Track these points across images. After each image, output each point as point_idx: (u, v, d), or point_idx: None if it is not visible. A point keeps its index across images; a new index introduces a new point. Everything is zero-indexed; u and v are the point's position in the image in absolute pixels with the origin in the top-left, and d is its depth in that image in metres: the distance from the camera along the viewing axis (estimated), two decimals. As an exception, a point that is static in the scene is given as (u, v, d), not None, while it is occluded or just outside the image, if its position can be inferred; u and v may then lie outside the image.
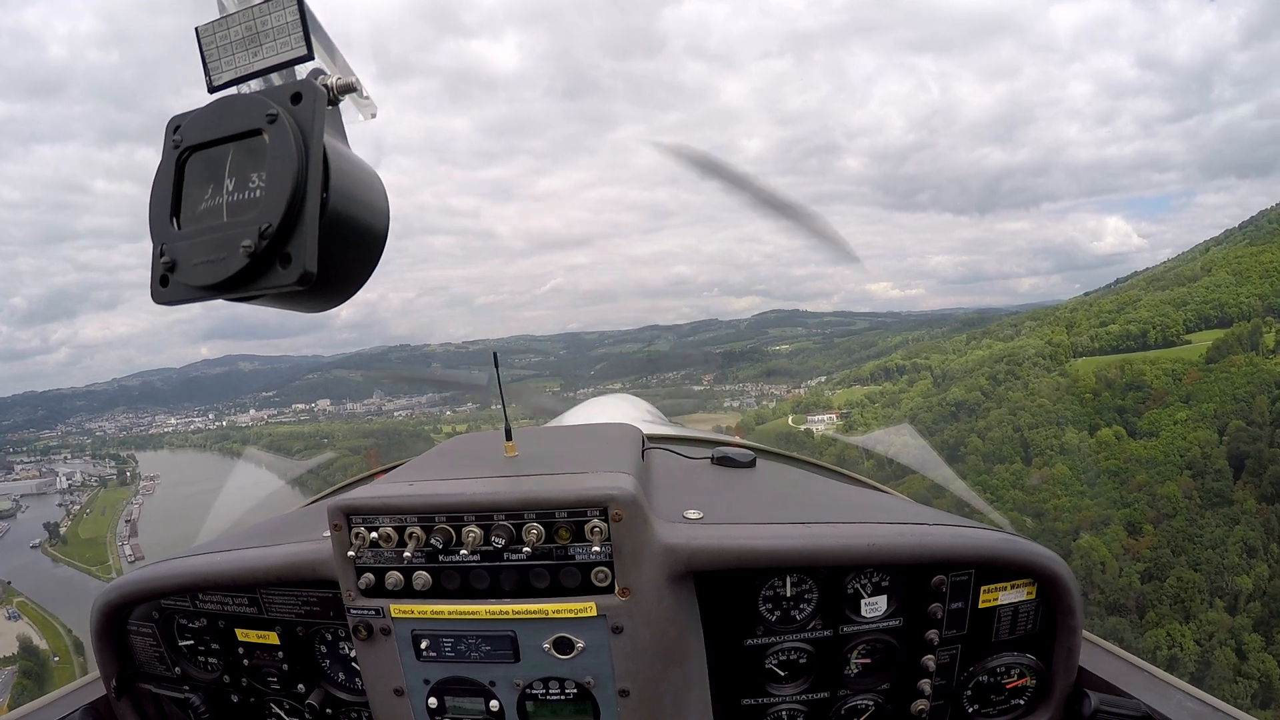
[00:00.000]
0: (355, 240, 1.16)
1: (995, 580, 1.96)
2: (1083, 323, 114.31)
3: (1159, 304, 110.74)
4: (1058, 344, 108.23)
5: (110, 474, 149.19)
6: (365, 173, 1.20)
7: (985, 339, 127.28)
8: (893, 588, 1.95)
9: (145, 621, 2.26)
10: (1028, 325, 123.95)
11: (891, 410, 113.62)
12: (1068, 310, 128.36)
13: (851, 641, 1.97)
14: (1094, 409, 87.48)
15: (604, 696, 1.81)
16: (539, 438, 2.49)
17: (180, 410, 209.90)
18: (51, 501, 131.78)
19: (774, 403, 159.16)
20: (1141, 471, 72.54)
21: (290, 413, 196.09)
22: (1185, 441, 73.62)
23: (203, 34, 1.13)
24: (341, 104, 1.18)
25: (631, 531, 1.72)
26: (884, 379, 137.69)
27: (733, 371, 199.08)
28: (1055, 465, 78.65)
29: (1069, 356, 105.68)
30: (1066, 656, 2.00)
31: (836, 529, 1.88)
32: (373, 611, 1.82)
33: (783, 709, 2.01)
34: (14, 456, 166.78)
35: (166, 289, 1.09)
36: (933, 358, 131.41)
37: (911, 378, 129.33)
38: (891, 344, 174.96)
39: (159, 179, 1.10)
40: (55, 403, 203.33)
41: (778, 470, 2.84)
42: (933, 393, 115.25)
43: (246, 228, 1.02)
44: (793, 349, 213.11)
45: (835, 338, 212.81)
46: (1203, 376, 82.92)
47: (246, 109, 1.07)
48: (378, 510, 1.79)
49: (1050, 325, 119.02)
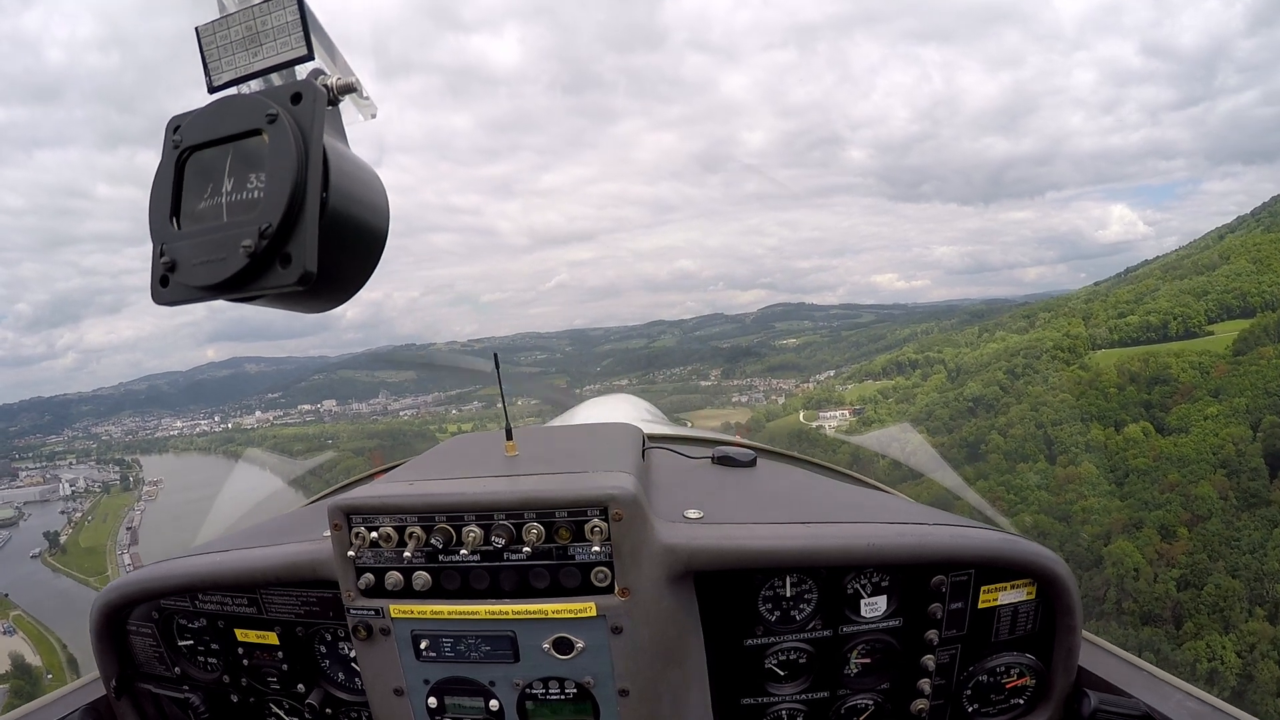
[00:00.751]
0: (355, 240, 1.16)
1: (995, 580, 1.98)
2: (1100, 314, 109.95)
3: (1178, 293, 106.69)
4: (1075, 336, 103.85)
5: (114, 479, 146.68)
6: (365, 173, 1.20)
7: (999, 331, 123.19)
8: (892, 588, 1.97)
9: (145, 622, 2.28)
10: (1041, 317, 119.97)
11: (906, 406, 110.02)
12: (1081, 301, 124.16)
13: (851, 641, 1.99)
14: (1119, 404, 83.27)
15: (604, 696, 1.83)
16: (539, 437, 2.50)
17: (186, 413, 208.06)
18: (55, 509, 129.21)
19: (783, 398, 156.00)
20: (1173, 470, 68.49)
21: (296, 414, 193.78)
22: (1218, 438, 69.52)
23: (203, 34, 1.13)
24: (341, 104, 1.18)
25: (631, 531, 1.74)
26: (896, 373, 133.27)
27: (740, 367, 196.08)
28: (1081, 464, 74.96)
29: (1088, 349, 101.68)
30: (1066, 656, 2.02)
31: (836, 529, 1.90)
32: (372, 612, 1.84)
33: (782, 709, 2.03)
34: (19, 462, 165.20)
35: (167, 289, 1.09)
36: (945, 351, 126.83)
37: (925, 372, 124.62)
38: (900, 336, 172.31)
39: (159, 179, 1.10)
40: (61, 408, 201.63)
41: (778, 470, 2.80)
42: (948, 387, 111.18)
43: (246, 228, 1.01)
44: (800, 343, 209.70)
45: (842, 331, 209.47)
46: (1231, 369, 79.00)
47: (246, 109, 1.06)
48: (378, 510, 1.81)
49: (1065, 317, 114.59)
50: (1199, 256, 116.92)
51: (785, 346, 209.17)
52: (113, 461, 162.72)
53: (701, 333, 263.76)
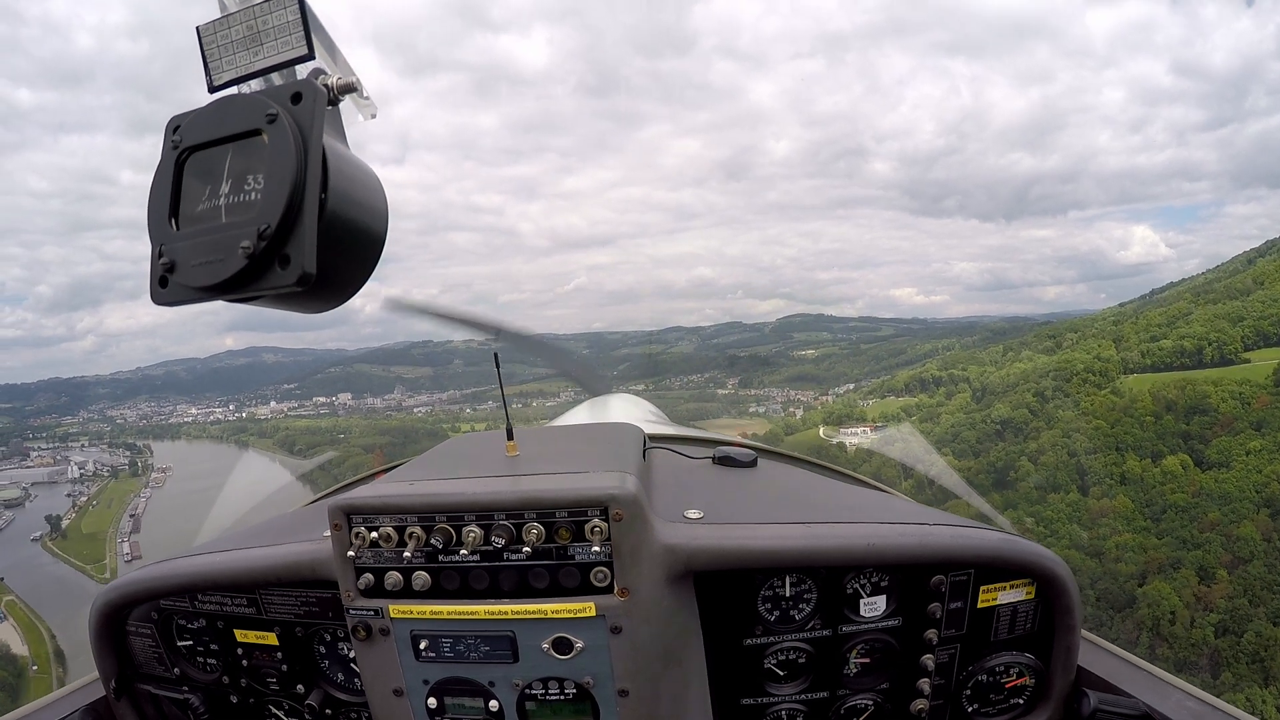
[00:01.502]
0: (354, 241, 1.16)
1: (994, 580, 1.98)
2: (1131, 336, 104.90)
3: (1213, 318, 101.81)
4: (1106, 359, 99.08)
5: (123, 464, 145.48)
6: (364, 174, 1.19)
7: (1025, 351, 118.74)
8: (892, 587, 1.97)
9: (144, 622, 2.28)
10: (1068, 337, 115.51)
11: (931, 425, 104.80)
12: (1109, 322, 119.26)
13: (851, 641, 2.00)
14: (1155, 433, 78.35)
15: (603, 696, 1.83)
16: (540, 437, 2.54)
17: (202, 400, 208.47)
18: (62, 491, 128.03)
19: (801, 410, 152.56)
20: (1213, 508, 64.06)
21: (311, 406, 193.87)
22: (1261, 475, 65.12)
23: (203, 33, 1.13)
24: (342, 104, 1.18)
25: (631, 531, 1.75)
26: (919, 390, 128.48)
27: (758, 376, 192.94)
28: (1116, 496, 70.53)
29: (1119, 372, 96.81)
30: (1065, 655, 2.03)
31: (836, 529, 1.91)
32: (372, 612, 1.84)
33: (782, 709, 2.03)
34: (32, 442, 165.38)
35: (166, 290, 1.09)
36: (970, 369, 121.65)
37: (949, 390, 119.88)
38: (921, 352, 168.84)
39: (158, 179, 1.10)
40: (79, 390, 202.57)
41: (779, 470, 2.81)
42: (974, 408, 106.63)
43: (245, 229, 1.01)
44: (819, 354, 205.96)
45: (862, 344, 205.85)
46: (1273, 401, 74.49)
47: (246, 109, 1.06)
48: (378, 510, 1.81)
49: (1094, 338, 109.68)
50: (1230, 280, 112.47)
51: (804, 357, 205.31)
52: (124, 446, 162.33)
53: (719, 340, 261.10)
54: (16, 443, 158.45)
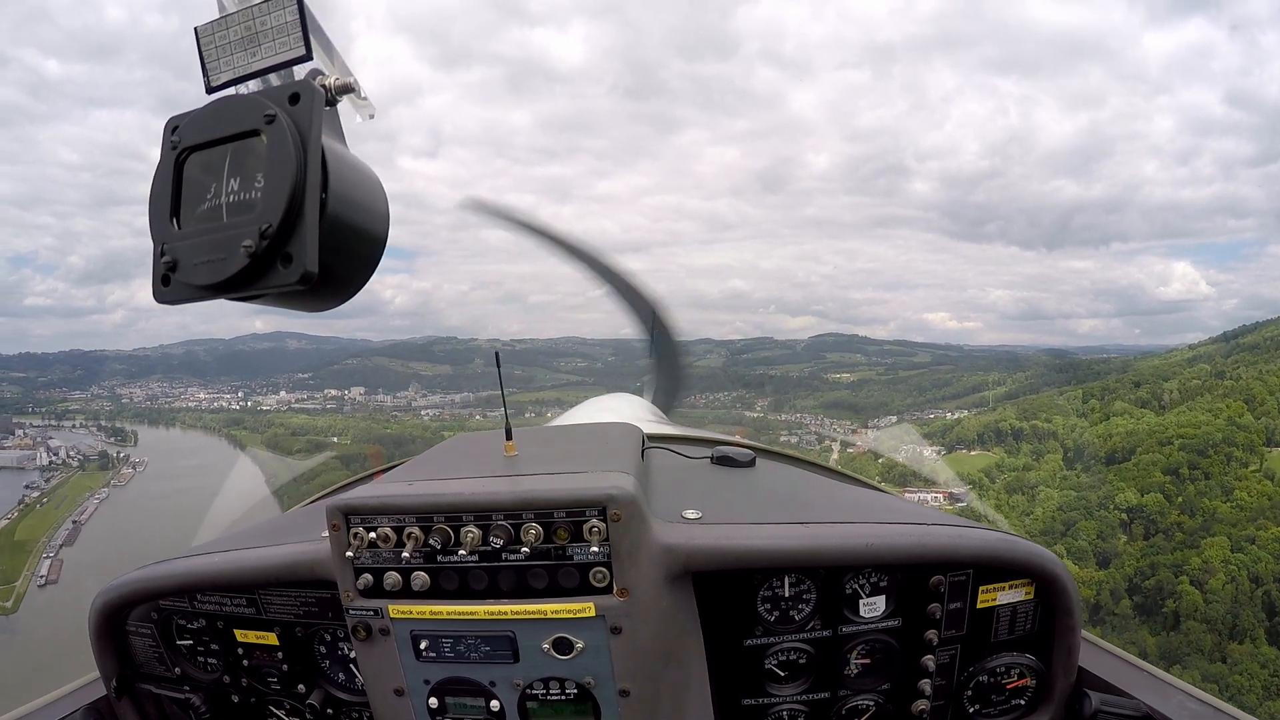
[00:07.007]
0: (354, 241, 1.14)
1: (993, 580, 1.96)
2: (1263, 396, 79.67)
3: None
4: (1246, 426, 74.94)
5: (94, 457, 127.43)
6: (364, 174, 1.18)
7: (1115, 402, 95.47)
8: (891, 588, 1.95)
9: (144, 622, 2.26)
10: (1167, 389, 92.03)
11: (1025, 501, 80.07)
12: (1210, 371, 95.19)
13: (851, 642, 1.97)
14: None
15: (604, 696, 1.81)
16: (539, 437, 2.49)
17: (214, 384, 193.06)
18: (24, 480, 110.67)
19: (837, 444, 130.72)
20: None
21: (320, 399, 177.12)
22: None
23: (201, 34, 1.11)
24: (340, 104, 1.16)
25: (630, 531, 1.72)
26: (993, 440, 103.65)
27: (790, 399, 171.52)
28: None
29: (1263, 444, 73.36)
30: (1066, 656, 1.99)
31: (835, 529, 1.88)
32: (371, 612, 1.80)
33: (783, 709, 2.00)
34: (29, 417, 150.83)
35: (168, 288, 1.08)
36: (1055, 420, 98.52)
37: (1036, 448, 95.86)
38: (968, 384, 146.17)
39: (158, 179, 1.09)
40: (95, 364, 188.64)
41: (777, 470, 2.81)
42: (1077, 478, 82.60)
43: (247, 228, 1.01)
44: (855, 379, 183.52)
45: (900, 370, 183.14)
46: None
47: (244, 110, 1.05)
48: (376, 510, 1.78)
49: (1219, 396, 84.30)
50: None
51: (839, 381, 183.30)
52: (111, 431, 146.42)
53: (749, 355, 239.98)
54: (5, 419, 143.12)
